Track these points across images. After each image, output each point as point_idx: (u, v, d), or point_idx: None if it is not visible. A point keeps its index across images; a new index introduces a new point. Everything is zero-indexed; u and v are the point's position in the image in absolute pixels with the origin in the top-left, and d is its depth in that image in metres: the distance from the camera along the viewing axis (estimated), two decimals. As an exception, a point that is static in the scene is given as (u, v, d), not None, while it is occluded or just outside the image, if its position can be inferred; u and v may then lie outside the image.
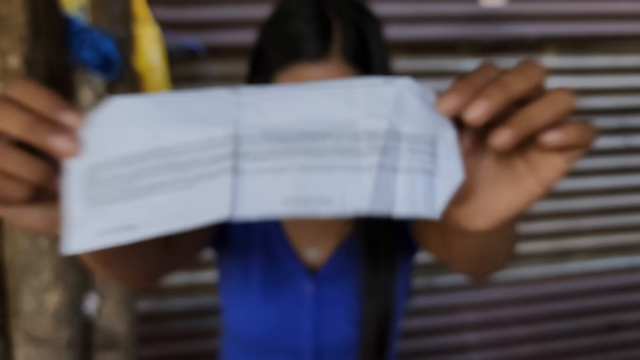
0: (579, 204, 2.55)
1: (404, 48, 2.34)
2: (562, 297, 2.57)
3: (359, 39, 0.76)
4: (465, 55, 2.40)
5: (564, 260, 2.58)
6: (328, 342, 0.88)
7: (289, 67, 0.75)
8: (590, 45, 2.49)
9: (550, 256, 2.56)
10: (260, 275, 0.88)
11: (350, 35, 0.75)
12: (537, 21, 2.40)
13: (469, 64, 2.40)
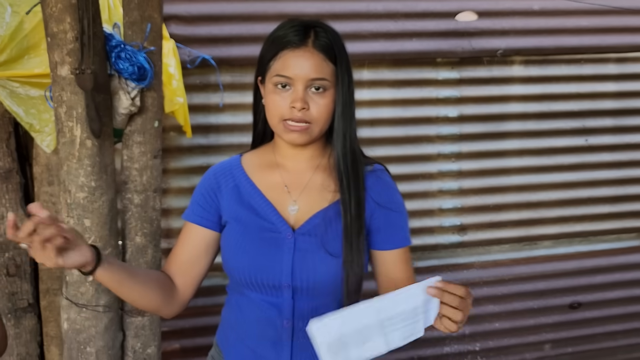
0: (544, 196, 2.76)
1: (390, 60, 2.54)
2: (530, 278, 2.77)
3: (327, 39, 1.11)
4: (443, 67, 2.60)
5: (530, 246, 2.78)
6: (301, 280, 1.13)
7: (278, 55, 1.10)
8: (553, 56, 2.70)
9: (519, 242, 2.76)
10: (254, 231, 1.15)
11: (320, 35, 1.11)
12: (505, 36, 2.60)
13: (446, 74, 2.60)
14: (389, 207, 1.20)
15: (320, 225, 1.14)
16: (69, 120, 1.43)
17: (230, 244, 1.17)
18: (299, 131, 1.10)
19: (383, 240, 1.20)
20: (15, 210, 2.26)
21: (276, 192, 1.17)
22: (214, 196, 1.20)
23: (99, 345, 1.53)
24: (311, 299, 1.15)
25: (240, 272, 1.15)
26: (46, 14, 1.39)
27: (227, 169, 1.22)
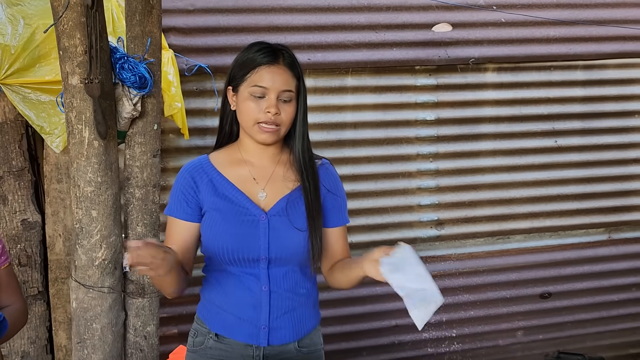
0: (516, 193, 2.92)
1: (372, 69, 2.71)
2: (503, 269, 2.93)
3: (292, 59, 1.37)
4: (421, 74, 2.77)
5: (503, 239, 2.95)
6: (276, 252, 1.36)
7: (255, 70, 1.32)
8: (524, 64, 2.87)
9: (492, 236, 2.93)
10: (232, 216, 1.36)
11: (287, 56, 1.36)
12: (479, 45, 2.77)
13: (424, 81, 2.77)
14: (335, 193, 1.46)
15: (286, 208, 1.38)
16: (78, 123, 1.61)
17: (212, 229, 1.36)
18: (270, 132, 1.33)
19: (330, 219, 1.44)
20: (27, 205, 2.43)
21: (246, 183, 1.39)
22: (193, 193, 1.39)
23: (104, 322, 1.71)
24: (282, 267, 1.38)
25: (223, 252, 1.35)
26: (58, 30, 1.57)
27: (199, 167, 1.41)
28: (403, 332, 2.83)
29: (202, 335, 1.45)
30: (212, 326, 1.43)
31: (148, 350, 1.85)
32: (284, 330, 1.40)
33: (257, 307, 1.37)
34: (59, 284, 2.47)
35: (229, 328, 1.40)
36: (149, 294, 1.83)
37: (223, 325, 1.41)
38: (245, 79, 1.33)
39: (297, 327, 1.42)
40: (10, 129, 2.38)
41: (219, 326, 1.42)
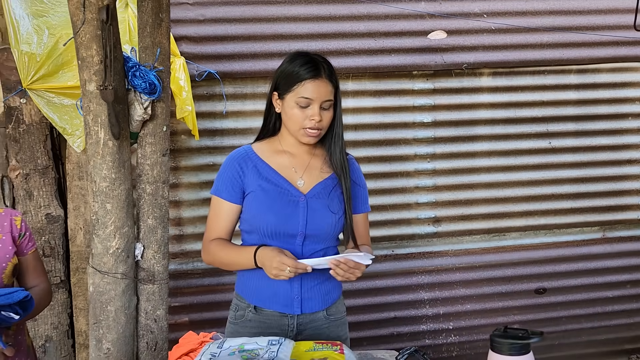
0: (511, 192, 3.02)
1: (372, 74, 2.84)
2: (499, 265, 3.02)
3: (330, 70, 1.57)
4: (418, 78, 2.89)
5: (499, 236, 3.04)
6: (311, 230, 1.58)
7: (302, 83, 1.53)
8: (518, 68, 2.97)
9: (488, 233, 3.02)
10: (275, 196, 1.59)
11: (327, 68, 1.57)
12: (474, 51, 2.88)
13: (422, 85, 2.89)
14: (359, 184, 1.71)
15: (322, 192, 1.61)
16: (95, 125, 1.77)
17: (258, 206, 1.58)
18: (314, 136, 1.56)
19: (355, 206, 1.67)
20: (51, 200, 2.62)
21: (286, 170, 1.62)
22: (238, 178, 1.61)
23: (118, 305, 1.87)
24: (315, 244, 1.59)
25: (266, 226, 1.57)
26: (77, 42, 1.74)
27: (244, 155, 1.64)
28: (402, 324, 2.95)
29: (241, 309, 1.65)
30: (250, 300, 1.63)
31: (158, 332, 2.01)
32: (314, 300, 1.61)
33: (291, 279, 1.55)
34: (80, 274, 2.65)
35: (266, 300, 1.61)
36: (158, 281, 1.99)
37: (260, 298, 1.62)
38: (292, 89, 1.55)
39: (325, 297, 1.63)
40: (35, 130, 2.57)
41: (257, 299, 1.62)
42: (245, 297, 1.65)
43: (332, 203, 1.61)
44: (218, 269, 2.76)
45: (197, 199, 2.78)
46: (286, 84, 1.56)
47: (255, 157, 1.63)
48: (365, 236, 1.73)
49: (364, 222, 1.74)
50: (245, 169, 1.61)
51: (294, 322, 1.61)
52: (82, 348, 2.67)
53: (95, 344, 1.89)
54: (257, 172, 1.61)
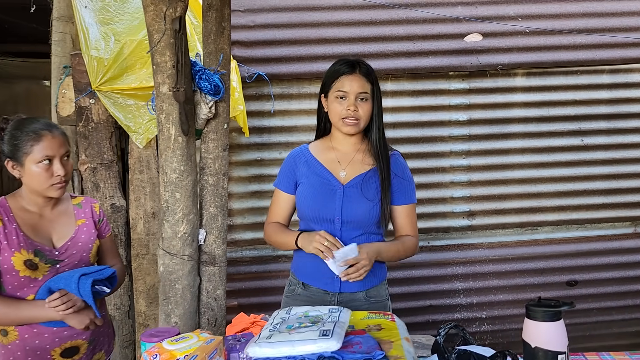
0: (544, 188, 3.15)
1: (410, 75, 3.02)
2: (531, 258, 3.16)
3: (367, 68, 1.80)
4: (454, 79, 3.06)
5: (532, 230, 3.18)
6: (347, 215, 1.76)
7: (338, 79, 1.76)
8: (552, 69, 3.10)
9: (521, 227, 3.17)
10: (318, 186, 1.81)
11: (362, 66, 1.79)
12: (508, 52, 3.04)
13: (457, 85, 3.06)
14: (402, 177, 1.86)
15: (361, 183, 1.79)
16: (167, 123, 2.01)
17: (304, 195, 1.83)
18: (352, 125, 1.76)
19: (397, 198, 1.84)
20: (115, 192, 2.88)
21: (332, 164, 1.84)
22: (293, 172, 1.87)
23: (184, 283, 2.10)
24: (353, 230, 1.78)
25: (309, 211, 1.80)
26: (153, 49, 1.97)
27: (299, 153, 1.90)
28: (437, 312, 3.12)
29: (293, 284, 1.90)
30: (300, 277, 1.87)
31: (217, 309, 2.24)
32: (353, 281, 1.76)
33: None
34: (140, 259, 2.91)
35: (312, 277, 1.83)
36: (218, 264, 2.21)
37: (307, 276, 1.85)
38: (332, 86, 1.78)
39: (364, 280, 1.78)
40: (102, 128, 2.83)
41: (304, 276, 1.86)
42: (296, 274, 1.89)
43: (368, 192, 1.78)
44: (265, 258, 3.01)
45: (246, 192, 3.01)
46: (328, 83, 1.80)
47: (308, 153, 1.88)
48: (406, 227, 1.87)
49: (407, 214, 1.87)
50: (299, 164, 1.87)
51: (335, 300, 1.81)
52: (141, 327, 2.92)
53: (165, 317, 2.13)
54: (308, 166, 1.85)
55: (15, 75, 6.62)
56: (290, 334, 1.26)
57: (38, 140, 1.64)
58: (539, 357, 1.27)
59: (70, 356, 1.72)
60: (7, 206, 1.69)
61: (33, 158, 1.64)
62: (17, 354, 1.67)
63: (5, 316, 1.63)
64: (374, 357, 1.17)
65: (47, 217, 1.75)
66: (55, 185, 1.67)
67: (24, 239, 1.66)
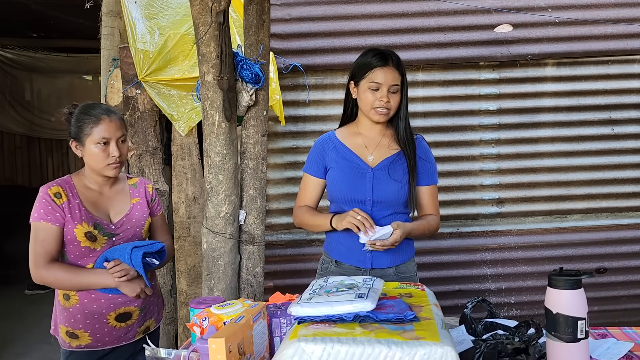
0: (573, 176, 3.20)
1: (441, 65, 3.11)
2: (560, 245, 3.21)
3: (397, 61, 1.88)
4: (485, 69, 3.13)
5: (561, 218, 3.23)
6: (377, 196, 1.88)
7: (373, 70, 1.85)
8: (582, 59, 3.14)
9: (550, 215, 3.22)
10: (348, 170, 1.92)
11: (394, 58, 1.88)
12: (539, 43, 3.09)
13: (488, 75, 3.13)
14: (425, 159, 1.96)
15: (388, 166, 1.90)
16: (211, 109, 2.16)
17: (335, 178, 1.94)
18: (383, 114, 1.88)
19: (421, 179, 1.94)
20: (158, 177, 3.06)
21: (359, 148, 1.95)
22: (322, 157, 1.99)
23: (226, 260, 2.26)
24: (383, 209, 1.89)
25: (340, 193, 1.92)
26: (198, 41, 2.12)
27: (327, 139, 2.01)
28: (465, 297, 3.19)
29: (326, 263, 2.03)
30: (332, 255, 2.00)
31: (256, 286, 2.39)
32: (384, 257, 1.90)
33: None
34: (181, 241, 3.08)
35: (344, 255, 1.95)
36: (257, 243, 2.36)
37: (340, 254, 1.97)
38: (365, 76, 1.88)
39: (394, 256, 1.92)
40: (147, 117, 3.00)
41: (337, 254, 1.98)
42: (329, 253, 2.02)
43: (396, 173, 1.89)
44: (299, 241, 3.15)
45: (282, 178, 3.15)
46: (360, 73, 1.89)
47: (336, 139, 1.99)
48: (429, 207, 1.97)
49: (430, 194, 1.98)
50: (327, 150, 1.98)
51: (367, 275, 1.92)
52: (182, 306, 3.10)
53: (208, 292, 2.29)
54: (336, 151, 1.97)
55: (58, 70, 6.94)
56: (328, 296, 1.38)
57: (97, 123, 1.82)
58: (560, 323, 1.37)
59: (123, 321, 1.89)
60: (72, 183, 1.87)
61: (92, 139, 1.82)
62: (78, 316, 1.85)
63: (68, 281, 1.80)
64: (405, 317, 1.29)
65: (106, 195, 1.93)
66: (111, 165, 1.84)
67: (85, 213, 1.83)
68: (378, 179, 1.89)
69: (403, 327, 1.25)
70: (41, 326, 4.20)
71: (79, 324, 1.85)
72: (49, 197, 1.80)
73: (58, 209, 1.80)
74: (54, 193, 1.81)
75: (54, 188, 1.82)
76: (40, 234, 1.79)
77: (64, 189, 1.84)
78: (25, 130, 7.14)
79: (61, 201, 1.81)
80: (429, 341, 1.15)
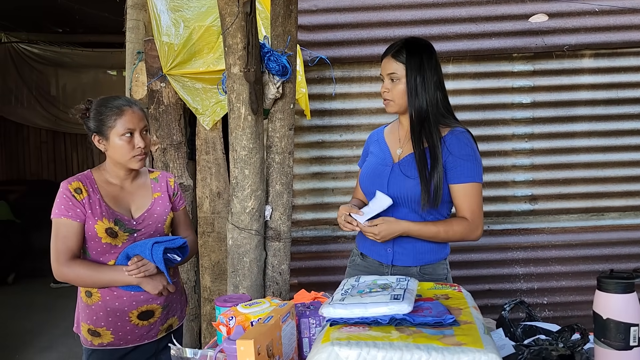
0: (611, 172, 3.07)
1: (472, 57, 3.01)
2: (596, 244, 3.09)
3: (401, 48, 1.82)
4: (518, 61, 3.02)
5: (597, 216, 3.11)
6: (393, 191, 1.80)
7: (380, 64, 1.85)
8: (621, 49, 3.01)
9: (586, 212, 3.10)
10: (373, 163, 1.90)
11: (397, 48, 1.82)
12: (575, 33, 2.97)
13: (521, 67, 3.02)
14: (458, 156, 1.76)
15: (411, 161, 1.81)
16: (237, 102, 2.10)
17: (363, 171, 1.96)
18: (385, 104, 1.86)
19: (451, 177, 1.77)
20: (183, 171, 3.03)
21: (393, 143, 1.91)
22: (367, 151, 2.02)
23: (252, 257, 2.21)
24: (398, 207, 1.80)
25: (364, 186, 1.91)
26: (224, 32, 2.07)
27: (374, 133, 2.03)
28: (496, 296, 3.10)
29: (355, 255, 2.00)
30: (359, 248, 1.97)
31: (282, 283, 2.34)
32: (405, 256, 1.82)
33: None
34: (205, 237, 3.05)
35: (368, 249, 1.91)
36: (283, 239, 2.30)
37: (365, 247, 1.93)
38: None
39: (418, 256, 1.82)
40: (172, 111, 2.97)
41: (363, 247, 1.94)
42: (357, 245, 1.99)
43: (412, 170, 1.76)
44: (324, 238, 3.09)
45: (307, 173, 3.09)
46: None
47: (381, 133, 2.00)
48: (461, 208, 1.76)
49: (463, 193, 1.75)
50: (371, 144, 2.02)
51: (389, 272, 1.85)
52: (206, 302, 3.07)
53: (233, 289, 2.24)
54: (375, 145, 1.97)
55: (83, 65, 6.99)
56: (362, 297, 1.32)
57: (120, 114, 1.77)
58: (611, 329, 1.28)
59: (146, 319, 1.85)
60: (93, 178, 1.84)
61: (117, 131, 1.77)
62: (100, 314, 1.81)
63: (89, 278, 1.77)
64: (445, 321, 1.21)
65: (127, 189, 1.89)
66: (137, 156, 1.81)
67: (106, 208, 1.79)
68: (395, 174, 1.83)
69: (442, 332, 1.17)
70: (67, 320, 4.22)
71: (101, 322, 1.82)
72: (69, 192, 1.77)
73: (79, 204, 1.76)
74: (75, 188, 1.78)
75: (75, 183, 1.79)
76: (61, 230, 1.76)
77: (85, 184, 1.80)
78: (51, 125, 7.22)
79: (82, 197, 1.77)
80: (471, 347, 1.08)
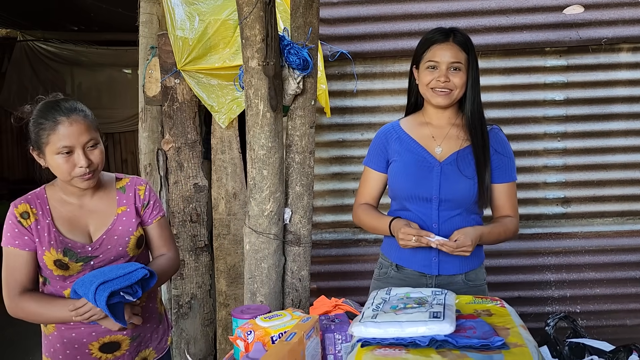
0: (649, 174, 2.90)
1: (501, 51, 2.85)
2: (633, 250, 2.91)
3: (462, 37, 1.68)
4: (551, 55, 2.85)
5: (634, 220, 2.93)
6: (445, 194, 1.67)
7: (429, 49, 1.67)
8: (662, 43, 2.83)
9: (622, 216, 2.92)
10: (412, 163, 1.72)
11: (458, 35, 1.69)
12: (613, 26, 2.79)
13: (554, 62, 2.85)
14: (502, 154, 1.73)
15: (457, 160, 1.68)
16: (255, 98, 1.97)
17: (397, 172, 1.75)
18: (443, 95, 1.67)
19: (496, 176, 1.71)
20: (197, 171, 2.90)
21: (426, 140, 1.74)
22: (384, 149, 1.81)
23: (270, 262, 2.07)
24: (451, 210, 1.67)
25: (404, 189, 1.72)
26: (242, 23, 1.94)
27: (390, 129, 1.82)
28: (526, 304, 2.94)
29: (385, 267, 1.82)
30: (393, 259, 1.79)
31: (302, 290, 2.20)
32: (452, 263, 1.69)
33: None
34: (221, 239, 2.92)
35: (407, 259, 1.75)
36: (303, 244, 2.16)
37: (401, 258, 1.77)
38: (423, 56, 1.69)
39: (464, 262, 1.70)
40: (186, 108, 2.85)
41: (399, 258, 1.77)
42: (389, 256, 1.81)
43: (466, 169, 1.67)
44: (345, 241, 2.95)
45: (327, 174, 2.96)
46: (419, 53, 1.72)
47: (400, 130, 1.79)
48: (506, 207, 1.74)
49: (507, 193, 1.74)
50: (390, 141, 1.79)
51: (432, 282, 1.72)
52: (221, 307, 2.94)
53: (250, 296, 2.11)
54: (400, 143, 1.77)
55: (98, 63, 6.93)
56: (396, 314, 1.18)
57: (54, 128, 1.48)
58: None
59: (110, 351, 1.63)
60: (45, 197, 1.59)
61: (51, 149, 1.50)
62: (57, 346, 1.63)
63: (40, 316, 1.56)
64: (492, 343, 1.07)
65: (86, 207, 1.62)
66: (80, 177, 1.52)
67: (55, 235, 1.55)
68: (446, 175, 1.68)
69: (491, 357, 1.03)
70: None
71: (58, 355, 1.62)
72: (15, 218, 1.54)
73: (26, 231, 1.54)
74: (21, 213, 1.54)
75: (21, 206, 1.55)
76: (10, 261, 1.54)
77: (33, 205, 1.56)
78: (66, 123, 7.17)
79: (29, 222, 1.54)
80: (528, 377, 0.93)
